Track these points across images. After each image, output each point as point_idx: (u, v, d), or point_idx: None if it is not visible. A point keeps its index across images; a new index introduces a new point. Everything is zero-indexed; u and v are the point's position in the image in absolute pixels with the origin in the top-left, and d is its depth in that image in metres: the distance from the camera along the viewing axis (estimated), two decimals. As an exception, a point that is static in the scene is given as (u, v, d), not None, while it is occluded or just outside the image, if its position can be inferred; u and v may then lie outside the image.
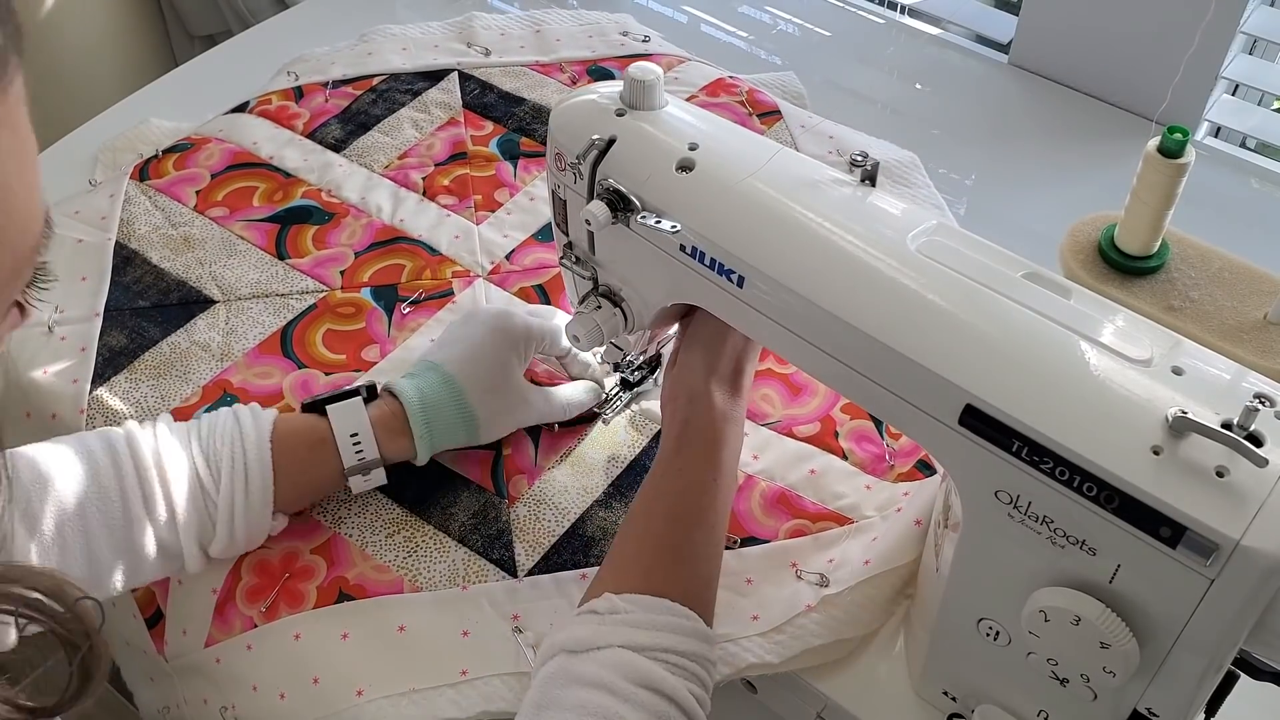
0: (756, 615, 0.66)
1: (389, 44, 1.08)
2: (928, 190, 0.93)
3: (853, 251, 0.54)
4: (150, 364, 0.81)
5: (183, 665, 0.71)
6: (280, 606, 0.69)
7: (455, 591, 0.69)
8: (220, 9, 1.55)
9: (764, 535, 0.70)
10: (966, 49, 1.15)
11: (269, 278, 0.87)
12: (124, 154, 0.99)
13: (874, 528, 0.70)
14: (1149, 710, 0.52)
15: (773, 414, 0.77)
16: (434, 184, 0.94)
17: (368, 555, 0.70)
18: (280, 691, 0.66)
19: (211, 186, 0.94)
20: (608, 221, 0.60)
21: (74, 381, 0.79)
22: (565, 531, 0.71)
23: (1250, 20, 0.96)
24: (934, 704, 0.63)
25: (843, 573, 0.67)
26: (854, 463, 0.74)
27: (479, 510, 0.72)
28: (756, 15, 1.22)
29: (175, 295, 0.86)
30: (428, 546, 0.71)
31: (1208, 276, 0.77)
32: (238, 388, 0.79)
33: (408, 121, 1.00)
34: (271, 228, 0.91)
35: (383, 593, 0.69)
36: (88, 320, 0.83)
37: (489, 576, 0.69)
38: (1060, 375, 0.48)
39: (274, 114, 1.01)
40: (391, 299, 0.85)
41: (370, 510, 0.73)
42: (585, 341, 0.69)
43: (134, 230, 0.90)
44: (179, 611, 0.71)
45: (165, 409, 0.78)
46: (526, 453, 0.75)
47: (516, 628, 0.67)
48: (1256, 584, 0.44)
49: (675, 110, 0.62)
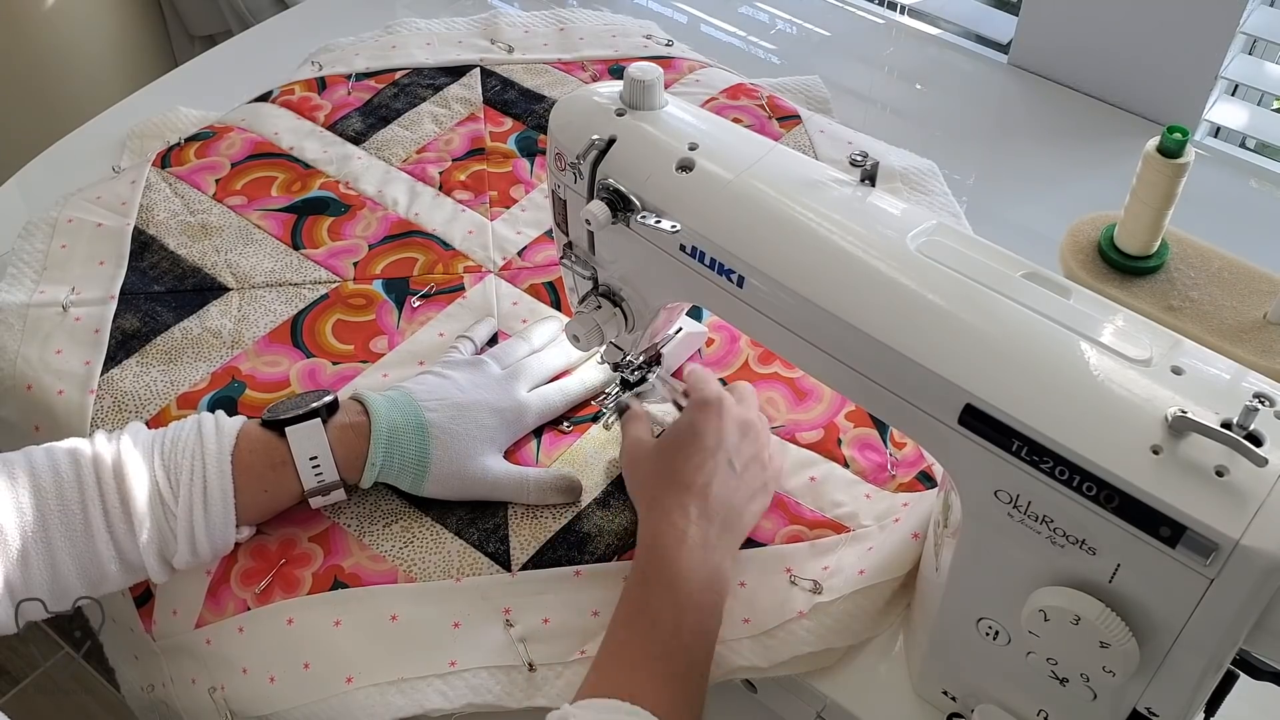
0: (748, 619, 0.66)
1: (413, 38, 1.09)
2: (945, 199, 0.93)
3: (853, 251, 0.54)
4: (162, 348, 0.82)
5: (171, 645, 0.71)
6: (275, 591, 0.69)
7: (449, 584, 0.69)
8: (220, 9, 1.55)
9: (760, 539, 0.70)
10: (966, 49, 1.15)
11: (283, 267, 0.88)
12: (151, 140, 1.01)
13: (871, 537, 0.70)
14: (1149, 710, 0.52)
15: (776, 418, 0.77)
16: (451, 179, 0.95)
17: (365, 545, 0.71)
18: (270, 675, 0.67)
19: (231, 175, 0.95)
20: (608, 221, 0.60)
21: (85, 363, 0.80)
22: (561, 528, 0.71)
23: (1250, 20, 0.96)
24: (934, 704, 0.63)
25: (837, 580, 0.67)
26: (855, 471, 0.74)
27: (477, 505, 0.72)
28: (756, 15, 1.22)
29: (190, 281, 0.87)
30: (424, 538, 0.71)
31: (1207, 276, 0.78)
32: (246, 375, 0.80)
33: (428, 116, 1.01)
34: (288, 218, 0.91)
35: (377, 582, 0.69)
36: (103, 303, 0.84)
37: (483, 570, 0.70)
38: (1060, 375, 0.48)
39: (296, 105, 1.02)
40: (403, 292, 0.86)
41: (370, 500, 0.73)
42: (585, 341, 0.69)
43: (153, 216, 0.91)
44: (170, 591, 0.71)
45: (174, 394, 0.78)
46: (528, 450, 0.75)
47: (508, 621, 0.67)
48: (1256, 583, 0.44)
49: (675, 110, 0.62)
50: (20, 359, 0.81)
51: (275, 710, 0.66)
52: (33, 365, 0.80)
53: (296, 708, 0.65)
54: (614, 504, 0.72)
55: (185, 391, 0.79)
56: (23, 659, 1.55)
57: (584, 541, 0.71)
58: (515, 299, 0.85)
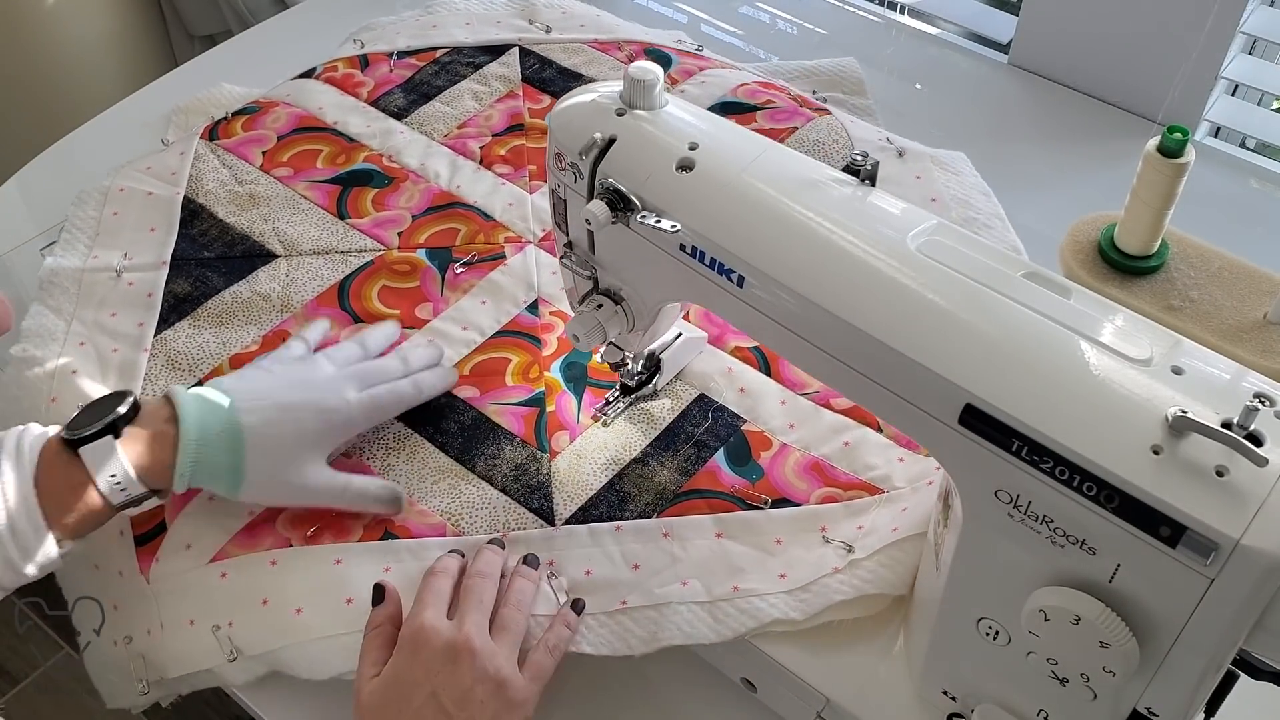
0: (784, 574, 0.68)
1: (452, 18, 1.11)
2: (975, 179, 0.94)
3: (853, 251, 0.54)
4: (213, 311, 0.84)
5: (170, 586, 0.71)
6: (325, 535, 0.71)
7: (495, 538, 0.71)
8: (220, 9, 1.55)
9: (796, 499, 0.72)
10: (966, 49, 1.15)
11: (329, 235, 0.90)
12: (196, 116, 1.03)
13: (904, 498, 0.71)
14: (1149, 710, 0.52)
15: (811, 384, 0.78)
16: (491, 153, 0.97)
17: (413, 501, 0.73)
18: (298, 607, 0.68)
19: (277, 148, 0.98)
20: (608, 221, 0.60)
21: (139, 325, 0.83)
22: (603, 485, 0.73)
23: (1250, 20, 0.96)
24: (934, 704, 0.63)
25: (871, 540, 0.68)
26: (889, 435, 0.75)
27: (521, 463, 0.75)
28: (756, 15, 1.22)
29: (239, 248, 0.89)
30: (471, 494, 0.73)
31: (1207, 276, 0.78)
32: None
33: (468, 93, 1.03)
34: (333, 189, 0.94)
35: (426, 535, 0.71)
36: (155, 268, 0.87)
37: (528, 524, 0.72)
38: (1060, 375, 0.48)
39: (339, 81, 1.05)
40: (445, 260, 0.88)
41: (418, 459, 0.75)
42: (586, 340, 0.69)
43: (202, 186, 0.94)
44: (187, 527, 0.72)
45: (226, 354, 0.81)
46: (570, 410, 0.78)
47: (551, 573, 0.69)
48: (1256, 583, 0.44)
49: (675, 110, 0.62)
50: (76, 320, 0.83)
51: (296, 640, 0.67)
52: (87, 326, 0.83)
53: (331, 637, 0.67)
54: (652, 463, 0.74)
55: (237, 353, 0.82)
56: (23, 659, 1.55)
57: (625, 499, 0.72)
58: (554, 269, 0.87)
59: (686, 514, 0.71)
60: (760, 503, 0.71)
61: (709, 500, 0.72)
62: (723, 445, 0.75)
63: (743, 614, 0.66)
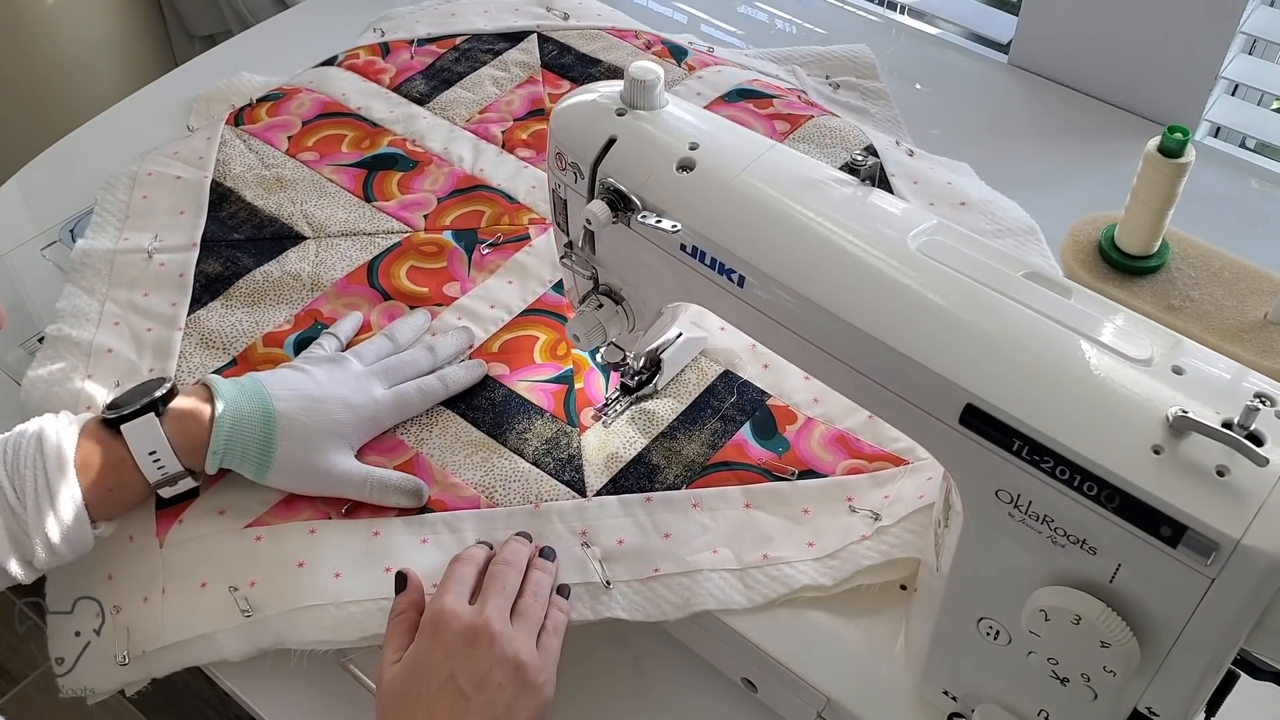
0: (812, 542, 0.69)
1: (471, 6, 1.13)
2: (981, 186, 0.94)
3: (853, 251, 0.54)
4: (245, 291, 0.86)
5: (189, 549, 0.71)
6: (362, 510, 0.73)
7: (528, 509, 0.72)
8: (220, 9, 1.55)
9: (822, 470, 0.73)
10: (966, 49, 1.15)
11: (356, 218, 0.91)
12: (217, 104, 1.04)
13: (929, 469, 0.71)
14: (1149, 710, 0.52)
15: None
16: (513, 137, 0.98)
17: (447, 474, 0.74)
18: (336, 571, 0.69)
19: (302, 133, 0.99)
20: (608, 221, 0.60)
21: (172, 305, 0.84)
22: (632, 458, 0.74)
23: (1250, 20, 0.96)
24: (934, 703, 0.63)
25: (897, 508, 0.69)
26: None
27: (552, 437, 0.76)
28: (756, 15, 1.22)
29: (268, 230, 0.90)
30: (503, 468, 0.74)
31: (1208, 276, 0.78)
32: (328, 317, 0.84)
33: (489, 79, 1.04)
34: (359, 172, 0.95)
35: (461, 508, 0.72)
36: (186, 250, 0.88)
37: (560, 496, 0.73)
38: (1060, 375, 0.48)
39: (361, 68, 1.06)
40: (471, 241, 0.89)
41: (450, 433, 0.76)
42: (586, 340, 0.69)
43: (229, 170, 0.95)
44: (225, 494, 0.73)
45: (259, 333, 0.83)
46: (598, 387, 0.79)
47: (584, 542, 0.70)
48: (1257, 583, 0.44)
49: (676, 110, 0.62)
50: (109, 300, 0.85)
51: (335, 600, 0.68)
52: (121, 306, 0.84)
53: (371, 600, 0.68)
54: (680, 437, 0.76)
55: (270, 331, 0.83)
56: (23, 659, 1.55)
57: (653, 471, 0.74)
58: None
59: (715, 485, 0.73)
60: (787, 474, 0.73)
61: (737, 472, 0.73)
62: (749, 419, 0.76)
63: (774, 580, 0.67)
